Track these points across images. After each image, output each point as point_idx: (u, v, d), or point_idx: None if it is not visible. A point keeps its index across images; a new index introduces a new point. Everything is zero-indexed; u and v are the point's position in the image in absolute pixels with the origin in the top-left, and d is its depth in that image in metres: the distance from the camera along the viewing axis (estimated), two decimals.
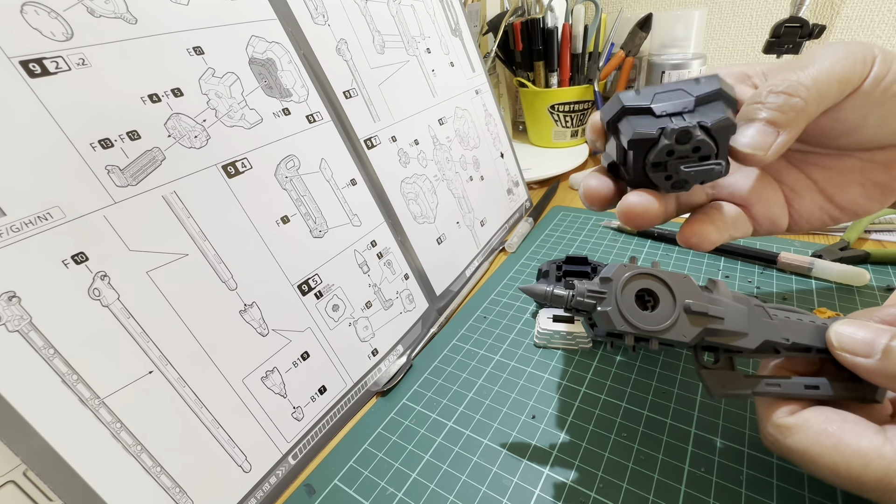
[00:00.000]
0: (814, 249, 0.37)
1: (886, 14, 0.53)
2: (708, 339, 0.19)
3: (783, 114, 0.18)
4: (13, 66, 0.18)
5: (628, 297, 0.19)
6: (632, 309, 0.19)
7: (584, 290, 0.19)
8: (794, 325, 0.19)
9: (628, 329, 0.18)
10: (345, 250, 0.30)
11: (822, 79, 0.18)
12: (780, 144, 0.18)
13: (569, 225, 0.47)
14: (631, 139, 0.18)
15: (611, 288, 0.19)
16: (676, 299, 0.19)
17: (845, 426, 0.17)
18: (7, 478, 0.19)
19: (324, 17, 0.31)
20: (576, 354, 0.30)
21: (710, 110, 0.18)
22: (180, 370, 0.21)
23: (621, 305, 0.19)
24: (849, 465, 0.16)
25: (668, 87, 0.19)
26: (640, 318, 0.18)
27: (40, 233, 0.18)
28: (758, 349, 0.19)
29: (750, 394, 0.19)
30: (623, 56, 0.61)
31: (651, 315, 0.19)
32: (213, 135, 0.24)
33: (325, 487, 0.24)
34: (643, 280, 0.19)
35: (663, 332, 0.18)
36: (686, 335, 0.18)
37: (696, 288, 0.19)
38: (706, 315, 0.18)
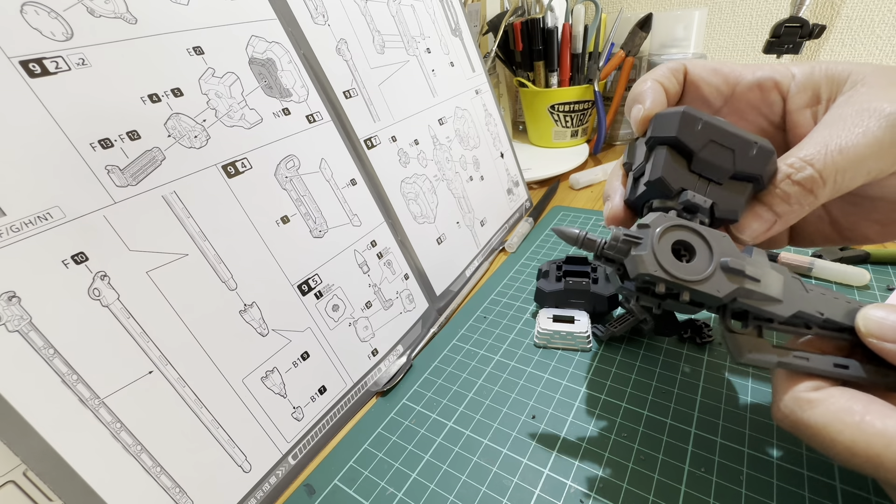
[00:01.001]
0: (814, 249, 0.37)
1: (886, 14, 0.53)
2: (741, 299, 0.18)
3: (788, 206, 0.18)
4: (13, 66, 0.18)
5: (665, 245, 0.18)
6: (667, 257, 0.18)
7: (621, 233, 0.18)
8: (829, 301, 0.19)
9: (662, 275, 0.17)
10: (345, 250, 0.30)
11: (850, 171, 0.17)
12: (769, 233, 0.18)
13: (569, 225, 0.47)
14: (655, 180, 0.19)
15: (647, 234, 0.18)
16: (714, 254, 0.18)
17: (871, 406, 0.16)
18: (7, 478, 0.19)
19: (324, 17, 0.31)
20: (576, 354, 0.30)
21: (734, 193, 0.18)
22: (180, 370, 0.21)
23: (657, 251, 0.17)
24: (869, 443, 0.15)
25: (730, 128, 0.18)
26: (675, 267, 0.17)
27: (40, 233, 0.18)
28: (789, 320, 0.18)
29: (776, 363, 0.18)
30: (623, 56, 0.61)
31: (686, 266, 0.18)
32: (213, 135, 0.24)
33: (325, 487, 0.24)
34: (681, 231, 0.18)
35: (697, 283, 0.17)
36: (720, 290, 0.17)
37: (734, 248, 0.18)
38: (743, 274, 0.17)
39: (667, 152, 0.18)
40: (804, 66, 0.20)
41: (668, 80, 0.21)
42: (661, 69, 0.22)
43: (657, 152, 0.19)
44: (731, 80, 0.21)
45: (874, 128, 0.16)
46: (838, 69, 0.19)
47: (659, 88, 0.21)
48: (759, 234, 0.18)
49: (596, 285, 0.32)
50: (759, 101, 0.21)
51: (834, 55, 0.57)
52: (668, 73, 0.22)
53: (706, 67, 0.22)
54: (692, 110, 0.18)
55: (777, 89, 0.20)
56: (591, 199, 0.54)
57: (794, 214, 0.18)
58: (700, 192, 0.18)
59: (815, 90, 0.19)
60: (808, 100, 0.20)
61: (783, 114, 0.21)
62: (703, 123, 0.18)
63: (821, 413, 0.17)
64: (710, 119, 0.18)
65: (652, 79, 0.21)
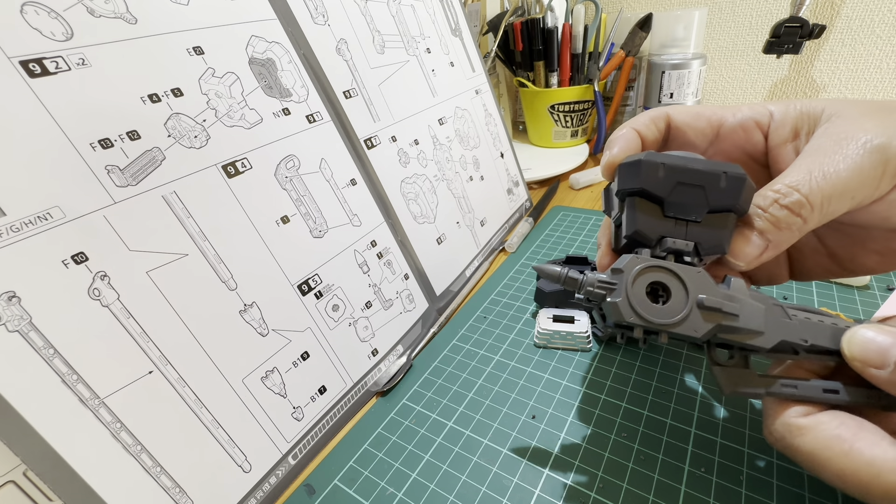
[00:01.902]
0: None
1: (886, 14, 0.53)
2: (721, 335, 0.18)
3: (779, 231, 0.18)
4: (13, 66, 0.18)
5: (639, 288, 0.18)
6: (642, 301, 0.18)
7: (595, 279, 0.18)
8: (813, 326, 0.19)
9: (636, 321, 0.18)
10: (345, 250, 0.30)
11: (835, 196, 0.17)
12: (763, 258, 0.18)
13: (569, 225, 0.47)
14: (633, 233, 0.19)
15: (621, 279, 0.18)
16: (689, 293, 0.18)
17: (860, 434, 0.16)
18: (7, 478, 0.19)
19: (324, 17, 0.31)
20: (576, 354, 0.30)
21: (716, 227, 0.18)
22: (180, 370, 0.21)
23: (631, 297, 0.18)
24: (858, 474, 0.16)
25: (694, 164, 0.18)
26: (650, 311, 0.18)
27: (40, 233, 0.18)
28: (774, 349, 0.18)
29: (763, 393, 0.18)
30: (623, 56, 0.61)
31: (662, 308, 0.18)
32: (213, 135, 0.24)
33: (325, 487, 0.24)
34: (656, 273, 0.18)
35: (673, 325, 0.18)
36: (697, 330, 0.18)
37: (711, 283, 0.18)
38: (720, 311, 0.18)
39: (637, 203, 0.19)
40: (780, 105, 0.21)
41: (646, 128, 0.22)
42: (641, 117, 0.22)
43: (628, 204, 0.19)
44: (714, 122, 0.21)
45: (853, 154, 0.17)
46: (812, 105, 0.19)
47: (633, 136, 0.21)
48: (752, 259, 0.18)
49: None
50: (744, 140, 0.21)
51: (834, 55, 0.57)
52: (647, 120, 0.22)
53: (689, 112, 0.22)
54: (653, 156, 0.18)
55: (758, 128, 0.21)
56: (591, 199, 0.54)
57: (784, 239, 0.18)
58: (679, 235, 0.19)
59: (794, 126, 0.20)
60: (788, 135, 0.20)
61: (766, 150, 0.21)
62: (664, 168, 0.18)
63: (810, 440, 0.17)
64: (673, 161, 0.18)
65: (629, 126, 0.22)
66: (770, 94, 0.63)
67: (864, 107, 0.18)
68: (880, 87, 0.57)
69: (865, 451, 0.16)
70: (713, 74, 0.66)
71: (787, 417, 0.18)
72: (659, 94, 0.55)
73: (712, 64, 0.65)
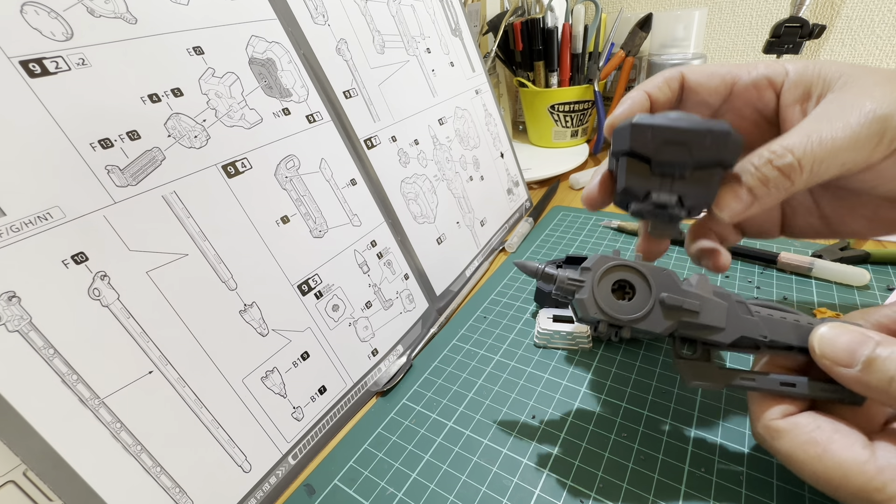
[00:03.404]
0: (814, 249, 0.37)
1: (886, 14, 0.53)
2: (683, 331, 0.20)
3: (766, 189, 0.18)
4: (13, 66, 0.18)
5: (605, 286, 0.20)
6: (607, 298, 0.20)
7: (565, 277, 0.20)
8: (775, 322, 0.20)
9: (601, 317, 0.19)
10: (345, 250, 0.30)
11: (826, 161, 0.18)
12: (747, 214, 0.19)
13: (569, 225, 0.47)
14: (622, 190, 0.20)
15: (589, 277, 0.20)
16: (653, 291, 0.20)
17: (834, 437, 0.17)
18: (7, 478, 0.19)
19: (324, 17, 0.31)
20: (576, 354, 0.30)
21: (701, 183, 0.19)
22: (180, 370, 0.21)
23: (597, 294, 0.20)
24: (829, 476, 0.16)
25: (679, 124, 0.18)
26: (614, 307, 0.19)
27: (40, 233, 0.18)
28: (734, 344, 0.20)
29: (722, 385, 0.20)
30: (623, 56, 0.61)
31: (626, 305, 0.20)
32: (213, 135, 0.24)
33: (325, 487, 0.24)
34: (621, 272, 0.20)
35: (635, 321, 0.19)
36: (658, 326, 0.19)
37: (675, 282, 0.20)
38: (680, 309, 0.19)
39: (626, 163, 0.19)
40: (798, 64, 0.21)
41: (658, 90, 0.22)
42: (655, 78, 0.23)
43: (619, 164, 0.20)
44: (728, 80, 0.22)
45: (853, 123, 0.17)
46: (831, 69, 0.20)
47: (641, 98, 0.22)
48: (736, 212, 0.19)
49: None
50: (755, 98, 0.22)
51: (834, 55, 0.57)
52: (661, 81, 0.22)
53: (703, 72, 0.22)
54: (643, 118, 0.19)
55: (771, 87, 0.21)
56: None
57: (770, 198, 0.18)
58: (665, 189, 0.19)
59: (807, 87, 0.20)
60: (800, 96, 0.20)
61: (776, 110, 0.21)
62: (652, 129, 0.18)
63: (787, 443, 0.18)
64: (662, 122, 0.18)
65: (640, 89, 0.22)
66: None
67: (879, 76, 0.19)
68: None
69: (836, 453, 0.16)
70: None
71: (766, 419, 0.19)
72: None
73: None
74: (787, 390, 0.19)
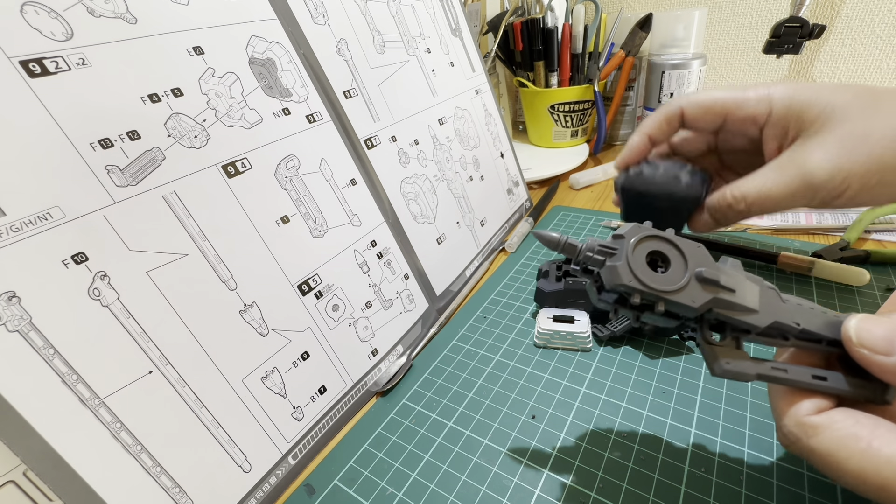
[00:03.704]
0: (814, 249, 0.37)
1: (886, 14, 0.53)
2: (716, 310, 0.18)
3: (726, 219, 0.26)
4: (13, 66, 0.18)
5: (639, 255, 0.18)
6: (642, 267, 0.18)
7: (595, 244, 0.18)
8: (806, 311, 0.18)
9: (636, 285, 0.17)
10: (345, 250, 0.30)
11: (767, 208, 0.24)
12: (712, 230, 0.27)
13: (569, 225, 0.47)
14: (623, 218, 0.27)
15: (622, 245, 0.18)
16: (689, 265, 0.18)
17: (877, 431, 0.16)
18: (7, 478, 0.19)
19: (324, 17, 0.31)
20: (576, 354, 0.30)
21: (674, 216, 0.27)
22: (180, 370, 0.21)
23: (631, 262, 0.18)
24: (878, 471, 0.15)
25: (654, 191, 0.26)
26: (649, 277, 0.17)
27: (40, 233, 0.18)
28: (765, 331, 0.18)
29: (754, 375, 0.18)
30: (623, 56, 0.61)
31: (661, 276, 0.18)
32: (213, 135, 0.24)
33: (325, 487, 0.24)
34: (656, 242, 0.18)
35: (672, 293, 0.17)
36: (695, 301, 0.17)
37: (709, 258, 0.18)
38: (717, 284, 0.17)
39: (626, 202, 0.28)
40: (784, 100, 0.24)
41: (659, 130, 0.27)
42: (655, 117, 0.27)
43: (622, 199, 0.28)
44: (721, 115, 0.26)
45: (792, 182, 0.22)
46: (812, 111, 0.23)
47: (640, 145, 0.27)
48: (706, 230, 0.27)
49: None
50: (743, 130, 0.26)
51: (834, 55, 0.57)
52: (662, 120, 0.27)
53: (700, 107, 0.26)
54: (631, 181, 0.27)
55: (755, 124, 0.25)
56: (591, 199, 0.54)
57: (729, 223, 0.26)
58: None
59: (784, 128, 0.24)
60: (778, 135, 0.24)
61: (761, 140, 0.26)
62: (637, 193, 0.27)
63: (826, 439, 0.16)
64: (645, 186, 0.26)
65: (642, 133, 0.27)
66: None
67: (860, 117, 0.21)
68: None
69: (884, 448, 0.15)
70: (713, 74, 0.66)
71: (799, 416, 0.17)
72: (659, 94, 0.55)
73: (712, 64, 0.65)
74: (819, 384, 0.18)
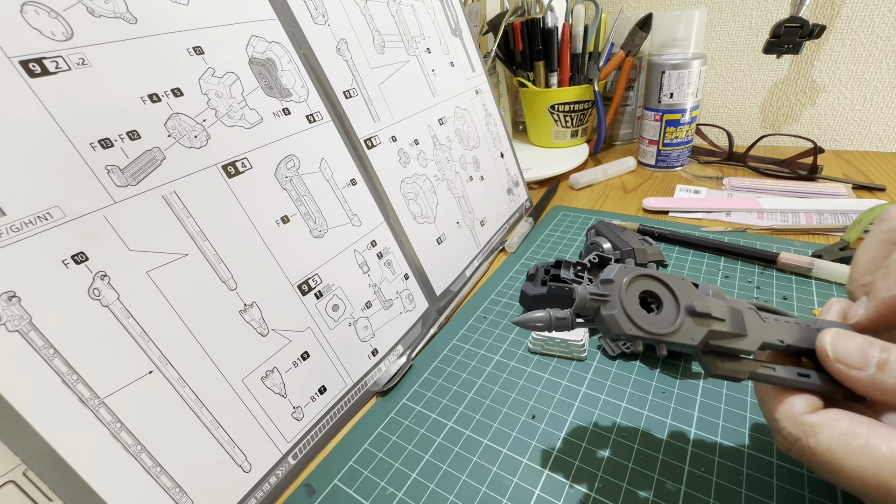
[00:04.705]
0: (814, 249, 0.37)
1: (886, 14, 0.53)
2: (712, 342, 0.18)
3: None
4: (13, 65, 0.18)
5: (632, 300, 0.18)
6: (637, 311, 0.18)
7: (587, 294, 0.18)
8: (785, 327, 0.19)
9: (637, 333, 0.17)
10: (345, 250, 0.30)
11: None
12: None
13: (569, 225, 0.47)
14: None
15: (613, 290, 0.18)
16: (679, 301, 0.18)
17: (874, 429, 0.16)
18: (7, 478, 0.19)
19: (324, 17, 0.31)
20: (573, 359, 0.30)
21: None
22: (180, 370, 0.21)
23: (627, 308, 0.17)
24: (877, 469, 0.15)
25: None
26: (646, 322, 0.17)
27: (40, 233, 0.18)
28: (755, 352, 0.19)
29: (747, 374, 0.18)
30: (623, 56, 0.61)
31: (656, 318, 0.18)
32: (213, 135, 0.24)
33: (325, 487, 0.24)
34: (645, 281, 0.18)
35: (671, 334, 0.17)
36: (693, 338, 0.18)
37: (694, 289, 0.19)
38: (710, 317, 0.18)
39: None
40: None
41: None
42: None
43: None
44: None
45: None
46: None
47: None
48: None
49: None
50: None
51: (834, 55, 0.57)
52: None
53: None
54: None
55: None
56: (590, 199, 0.54)
57: None
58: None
59: None
60: None
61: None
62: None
63: (826, 438, 0.16)
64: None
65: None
66: (770, 94, 0.63)
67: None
68: (880, 87, 0.57)
69: (882, 445, 0.15)
70: (713, 74, 0.66)
71: (795, 415, 0.17)
72: (659, 94, 0.55)
73: (712, 64, 0.65)
74: (803, 381, 0.18)
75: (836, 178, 0.51)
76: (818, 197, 0.47)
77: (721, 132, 0.62)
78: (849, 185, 0.48)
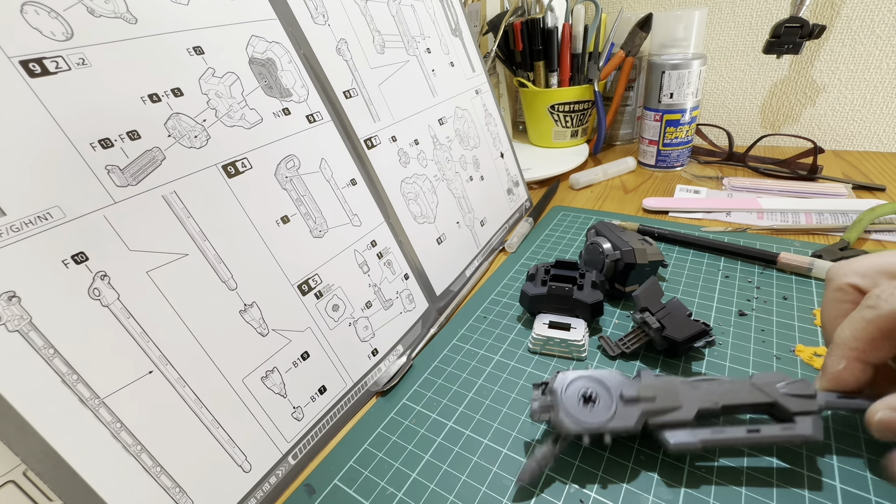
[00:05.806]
0: (814, 249, 0.37)
1: (886, 14, 0.53)
2: (650, 420, 0.21)
3: None
4: (13, 65, 0.18)
5: (572, 399, 0.22)
6: (579, 410, 0.22)
7: (538, 407, 0.22)
8: (719, 389, 0.22)
9: (582, 431, 0.21)
10: (345, 250, 0.30)
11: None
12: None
13: (569, 225, 0.47)
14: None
15: (556, 397, 0.22)
16: (612, 391, 0.22)
17: None
18: (7, 478, 0.19)
19: (324, 17, 0.31)
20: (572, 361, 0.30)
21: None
22: (180, 370, 0.21)
23: (570, 409, 0.22)
24: None
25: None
26: (588, 416, 0.21)
27: (40, 233, 0.18)
28: (697, 416, 0.21)
29: (699, 445, 0.21)
30: (623, 56, 0.61)
31: (595, 411, 0.22)
32: (213, 135, 0.24)
33: (325, 487, 0.24)
34: (580, 382, 0.23)
35: (609, 422, 0.21)
36: (628, 421, 0.21)
37: (624, 378, 0.23)
38: (638, 399, 0.22)
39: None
40: None
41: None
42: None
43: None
44: None
45: None
46: None
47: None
48: None
49: (581, 292, 0.31)
50: None
51: (834, 55, 0.57)
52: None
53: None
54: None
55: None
56: (590, 199, 0.54)
57: None
58: None
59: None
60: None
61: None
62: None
63: None
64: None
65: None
66: (770, 94, 0.63)
67: None
68: (880, 87, 0.57)
69: None
70: (713, 74, 0.66)
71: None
72: (659, 94, 0.55)
73: (712, 64, 0.65)
74: (752, 437, 0.21)
75: (836, 178, 0.51)
76: (818, 197, 0.47)
77: (721, 132, 0.62)
78: (849, 186, 0.48)
